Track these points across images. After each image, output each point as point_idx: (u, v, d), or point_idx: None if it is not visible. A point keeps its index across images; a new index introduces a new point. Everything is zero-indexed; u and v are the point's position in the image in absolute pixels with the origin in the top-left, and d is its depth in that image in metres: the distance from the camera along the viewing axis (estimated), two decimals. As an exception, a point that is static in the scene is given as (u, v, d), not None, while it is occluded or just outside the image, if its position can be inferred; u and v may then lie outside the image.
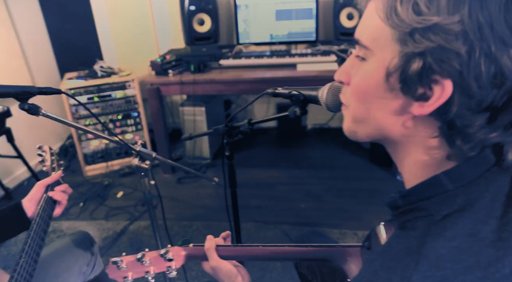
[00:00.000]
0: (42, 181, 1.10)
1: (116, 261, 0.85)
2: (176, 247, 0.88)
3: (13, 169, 2.82)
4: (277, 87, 0.87)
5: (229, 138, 1.03)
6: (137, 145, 1.14)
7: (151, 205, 1.31)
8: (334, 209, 2.31)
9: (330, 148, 3.08)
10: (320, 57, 2.59)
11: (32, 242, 0.92)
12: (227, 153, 1.07)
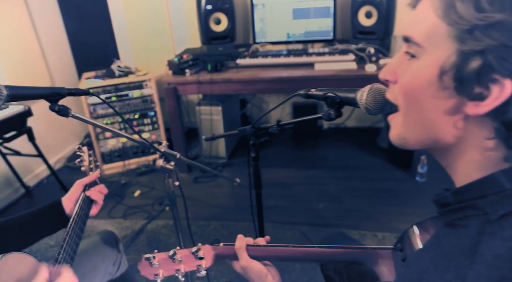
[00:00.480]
0: (81, 180, 1.12)
1: (149, 258, 0.85)
2: (206, 246, 0.88)
3: (33, 167, 2.86)
4: (310, 89, 0.85)
5: (255, 139, 1.02)
6: (162, 145, 1.13)
7: (176, 205, 1.30)
8: (352, 209, 2.28)
9: (347, 148, 3.05)
10: (338, 56, 2.56)
11: (70, 239, 0.93)
12: (253, 154, 1.06)
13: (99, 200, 1.13)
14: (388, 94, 0.58)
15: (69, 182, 2.73)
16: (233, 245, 0.87)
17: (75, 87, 0.96)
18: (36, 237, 1.02)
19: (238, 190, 2.62)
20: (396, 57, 0.55)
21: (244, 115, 3.38)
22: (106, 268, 1.16)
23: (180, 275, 0.87)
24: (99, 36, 3.31)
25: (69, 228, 0.97)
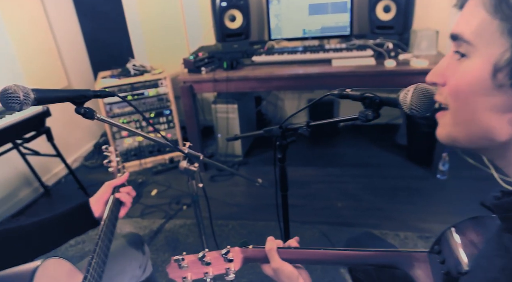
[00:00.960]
0: (110, 182, 1.11)
1: (178, 259, 0.83)
2: (236, 248, 0.86)
3: (51, 166, 2.89)
4: (344, 89, 0.82)
5: (282, 140, 0.99)
6: (186, 147, 1.11)
7: (199, 207, 1.29)
8: (372, 208, 2.24)
9: (364, 145, 3.00)
10: (355, 52, 2.51)
11: (102, 243, 0.92)
12: (280, 155, 1.03)
13: (128, 202, 1.12)
14: (437, 96, 0.56)
15: (87, 180, 2.76)
16: (263, 248, 0.85)
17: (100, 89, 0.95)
18: (65, 238, 1.02)
19: (255, 189, 2.60)
20: (444, 59, 0.53)
21: (259, 112, 3.36)
22: (133, 272, 1.15)
23: (209, 278, 0.85)
24: (113, 36, 3.31)
25: (101, 231, 0.96)
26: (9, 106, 0.70)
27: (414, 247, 1.86)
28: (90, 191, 2.67)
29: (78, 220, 1.04)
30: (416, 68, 2.26)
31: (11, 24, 2.45)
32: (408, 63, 2.31)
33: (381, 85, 3.11)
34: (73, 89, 0.77)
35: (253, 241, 2.19)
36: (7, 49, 2.43)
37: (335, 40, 2.90)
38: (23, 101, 0.70)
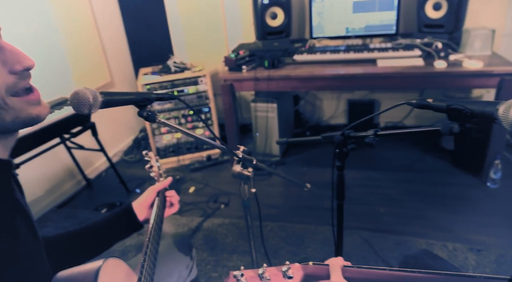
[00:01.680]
0: (154, 187, 1.12)
1: (236, 275, 0.80)
2: (296, 265, 0.82)
3: (93, 160, 2.97)
4: (425, 98, 0.76)
5: (342, 148, 0.95)
6: (240, 151, 1.09)
7: (250, 213, 1.26)
8: (417, 216, 2.15)
9: (406, 149, 2.89)
10: (402, 52, 2.41)
11: (151, 245, 0.93)
12: (339, 163, 0.99)
13: (176, 204, 1.15)
14: None
15: (126, 175, 2.81)
16: (324, 265, 0.81)
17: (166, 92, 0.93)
18: (111, 242, 1.03)
19: (293, 189, 2.56)
20: None
21: (297, 112, 3.31)
22: (180, 272, 1.15)
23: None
24: (154, 33, 3.35)
25: (150, 234, 0.96)
26: (79, 109, 0.70)
27: (465, 260, 1.77)
28: (129, 186, 2.72)
29: (123, 223, 1.05)
30: (469, 70, 2.13)
31: (61, 21, 2.53)
32: (460, 64, 2.19)
33: (430, 87, 2.98)
34: (136, 92, 0.76)
35: (292, 244, 2.15)
36: (57, 45, 2.50)
37: (378, 39, 2.80)
38: (93, 104, 0.70)
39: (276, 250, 2.00)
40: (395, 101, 3.17)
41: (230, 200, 2.50)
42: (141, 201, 1.10)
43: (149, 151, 1.27)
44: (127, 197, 2.64)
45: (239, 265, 1.94)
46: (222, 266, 1.94)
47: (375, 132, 0.88)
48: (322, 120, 3.38)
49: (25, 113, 0.61)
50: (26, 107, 0.61)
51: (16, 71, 0.59)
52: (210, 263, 1.96)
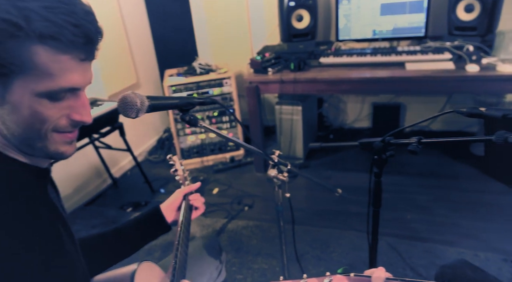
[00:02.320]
0: (181, 190, 1.14)
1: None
2: (338, 276, 0.81)
3: (118, 159, 3.02)
4: (477, 107, 0.74)
5: (381, 154, 0.93)
6: (275, 155, 1.09)
7: (283, 218, 1.26)
8: (447, 223, 2.09)
9: (434, 154, 2.83)
10: (431, 55, 2.36)
11: (181, 248, 0.93)
12: (376, 170, 0.97)
13: (201, 208, 1.16)
14: None
15: (150, 175, 2.84)
16: (365, 276, 0.80)
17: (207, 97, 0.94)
18: (140, 244, 1.05)
19: (317, 193, 2.54)
20: None
21: (320, 115, 3.28)
22: (210, 274, 1.16)
23: (307, 306, 0.82)
24: (179, 35, 3.39)
25: (179, 237, 0.97)
26: (126, 113, 0.71)
27: (498, 271, 1.71)
28: (154, 185, 2.75)
29: (152, 225, 1.07)
30: (504, 74, 2.07)
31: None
32: (494, 68, 2.13)
33: (461, 92, 2.90)
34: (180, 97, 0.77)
35: (317, 248, 2.13)
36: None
37: (406, 42, 2.75)
38: (140, 109, 0.71)
39: (301, 254, 1.98)
40: (421, 105, 3.11)
41: (254, 202, 2.50)
42: (168, 203, 1.11)
43: (173, 155, 1.28)
44: (152, 196, 2.67)
45: (264, 268, 1.94)
46: (247, 268, 1.94)
47: (418, 139, 0.86)
48: (346, 124, 3.34)
49: (54, 147, 0.64)
50: (58, 143, 0.64)
51: (72, 119, 0.63)
52: (235, 265, 1.96)
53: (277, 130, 2.88)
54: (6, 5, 0.52)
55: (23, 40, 0.54)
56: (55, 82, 0.58)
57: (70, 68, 0.58)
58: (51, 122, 0.61)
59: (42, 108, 0.59)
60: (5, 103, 0.58)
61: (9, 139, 0.62)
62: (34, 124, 0.60)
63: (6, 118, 0.59)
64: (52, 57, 0.56)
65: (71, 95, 0.62)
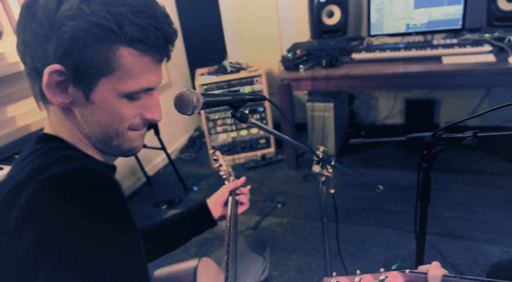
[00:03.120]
0: (227, 186, 1.15)
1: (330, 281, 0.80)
2: (393, 273, 0.80)
3: (151, 157, 3.09)
4: None
5: (431, 149, 0.91)
6: (320, 151, 1.09)
7: (326, 214, 1.25)
8: (488, 222, 2.03)
9: (472, 150, 2.73)
10: (470, 48, 2.29)
11: (232, 244, 0.95)
12: (425, 165, 0.95)
13: (247, 203, 1.18)
14: None
15: (182, 173, 2.89)
16: (421, 273, 0.78)
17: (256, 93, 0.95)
18: (187, 238, 1.07)
19: (351, 191, 2.51)
20: None
21: (351, 111, 3.24)
22: (256, 271, 1.17)
23: (359, 302, 0.81)
24: (209, 34, 3.43)
25: (229, 232, 0.99)
26: (183, 110, 0.73)
27: (547, 270, 1.64)
28: (187, 183, 2.80)
29: (199, 220, 1.08)
30: (550, 66, 1.98)
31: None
32: (539, 60, 2.04)
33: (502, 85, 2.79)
34: (231, 93, 0.79)
35: (352, 246, 2.11)
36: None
37: (440, 36, 2.67)
38: (196, 106, 0.72)
39: (337, 252, 1.97)
40: (457, 99, 3.02)
41: (287, 199, 2.50)
42: (215, 199, 1.12)
43: (216, 150, 1.29)
44: (185, 194, 2.72)
45: (300, 265, 1.94)
46: (282, 265, 1.95)
47: (474, 133, 0.84)
48: (377, 120, 3.28)
49: (128, 144, 0.67)
50: (132, 141, 0.68)
51: (145, 118, 0.67)
52: (271, 261, 1.96)
53: (308, 128, 2.86)
54: (102, 11, 0.55)
55: (113, 43, 0.57)
56: (136, 83, 0.61)
57: (149, 70, 0.62)
58: (128, 121, 0.64)
59: (121, 108, 0.62)
60: (90, 103, 0.61)
61: (88, 137, 0.65)
62: (114, 123, 0.63)
63: (89, 118, 0.62)
64: (136, 59, 0.59)
65: (145, 95, 0.65)
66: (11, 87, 1.82)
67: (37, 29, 0.57)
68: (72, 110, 0.63)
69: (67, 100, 0.61)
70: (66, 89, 0.60)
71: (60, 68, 0.57)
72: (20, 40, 0.61)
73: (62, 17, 0.55)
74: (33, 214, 0.51)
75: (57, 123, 0.65)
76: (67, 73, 0.58)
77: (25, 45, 0.60)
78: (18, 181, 0.56)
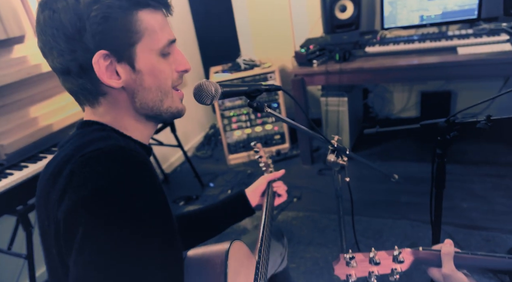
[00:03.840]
0: (266, 176, 1.19)
1: (347, 257, 0.83)
2: (407, 250, 0.83)
3: (168, 156, 3.15)
4: None
5: (445, 135, 0.93)
6: (335, 140, 1.11)
7: (342, 203, 1.27)
8: (506, 212, 2.01)
9: (490, 141, 2.70)
10: (486, 37, 2.26)
11: (266, 232, 0.97)
12: (440, 151, 0.96)
13: (284, 195, 1.21)
14: None
15: (199, 170, 2.93)
16: (434, 250, 0.80)
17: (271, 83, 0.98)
18: (225, 225, 1.10)
19: (367, 184, 2.51)
20: None
21: (366, 105, 3.23)
22: (275, 260, 1.20)
23: (373, 277, 0.83)
24: (222, 31, 3.46)
25: (264, 220, 1.02)
26: (202, 100, 0.76)
27: None
28: (203, 180, 2.85)
29: (237, 208, 1.12)
30: None
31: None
32: (557, 48, 2.00)
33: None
34: (248, 83, 0.83)
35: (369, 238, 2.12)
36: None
37: (455, 26, 2.64)
38: (214, 96, 0.76)
39: (354, 244, 1.98)
40: (473, 91, 2.98)
41: (302, 194, 2.52)
42: (253, 188, 1.16)
43: (257, 142, 1.32)
44: (202, 190, 2.77)
45: (316, 257, 1.96)
46: (299, 258, 1.97)
47: (487, 117, 0.85)
48: (392, 114, 3.27)
49: (176, 105, 0.75)
50: (178, 101, 0.75)
51: (179, 71, 0.73)
52: (288, 254, 2.00)
53: (323, 122, 2.87)
54: None
55: (132, 10, 0.64)
56: (163, 37, 0.68)
57: (164, 23, 0.69)
58: (170, 78, 0.71)
59: (162, 66, 0.69)
60: (137, 73, 0.67)
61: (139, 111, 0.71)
62: (161, 84, 0.70)
63: (140, 90, 0.68)
64: (153, 18, 0.67)
65: (171, 50, 0.71)
66: (33, 89, 1.89)
67: (69, 31, 0.61)
68: (123, 94, 0.68)
69: (120, 80, 0.67)
70: (114, 70, 0.66)
71: (104, 52, 0.63)
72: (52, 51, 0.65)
73: (86, 5, 0.60)
74: (72, 183, 0.57)
75: (102, 113, 0.70)
76: (111, 54, 0.64)
77: (62, 53, 0.64)
78: (62, 158, 0.62)
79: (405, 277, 1.72)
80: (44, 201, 0.63)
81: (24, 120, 1.83)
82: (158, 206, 0.60)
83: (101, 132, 0.67)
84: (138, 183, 0.57)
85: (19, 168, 1.63)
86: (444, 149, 0.96)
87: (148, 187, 0.59)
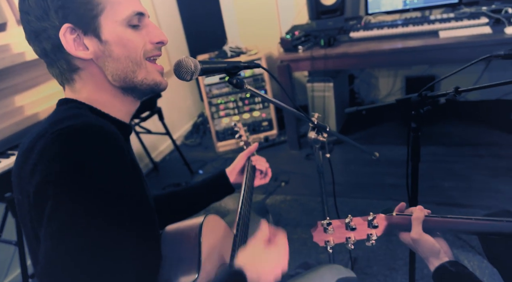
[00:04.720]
0: (242, 153, 1.22)
1: (324, 224, 0.87)
2: (380, 215, 0.87)
3: (157, 144, 3.16)
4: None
5: (417, 109, 0.97)
6: (315, 117, 1.14)
7: (323, 179, 1.31)
8: (486, 189, 2.08)
9: (471, 123, 2.77)
10: (466, 21, 2.31)
11: (244, 207, 1.01)
12: (414, 125, 1.00)
13: (263, 169, 1.22)
14: None
15: (188, 158, 2.95)
16: (407, 215, 0.85)
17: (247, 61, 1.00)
18: (206, 203, 1.13)
19: (353, 167, 2.57)
20: None
21: (352, 91, 3.28)
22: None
23: (350, 243, 0.88)
24: (208, 20, 3.46)
25: (242, 196, 1.05)
26: (182, 76, 0.78)
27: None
28: (193, 167, 2.87)
29: (218, 187, 1.15)
30: (545, 35, 2.00)
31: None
32: (535, 30, 2.06)
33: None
34: (227, 60, 0.86)
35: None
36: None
37: (438, 11, 2.68)
38: (194, 71, 0.78)
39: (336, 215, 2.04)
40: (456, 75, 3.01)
41: (290, 178, 2.57)
42: (232, 167, 1.19)
43: (237, 122, 1.35)
44: (191, 177, 2.80)
45: (303, 238, 2.01)
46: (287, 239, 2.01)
47: (455, 88, 0.89)
48: (378, 99, 3.32)
49: (152, 76, 0.75)
50: (154, 72, 0.76)
51: (153, 42, 0.74)
52: (276, 236, 2.05)
53: (309, 108, 2.91)
54: None
55: None
56: (126, 8, 0.69)
57: None
58: (141, 48, 0.72)
59: (130, 36, 0.70)
60: (105, 43, 0.68)
61: (113, 85, 0.72)
62: (130, 54, 0.71)
63: (110, 61, 0.70)
64: None
65: (142, 23, 0.72)
66: (18, 78, 1.88)
67: (37, 12, 0.66)
68: (95, 67, 0.70)
69: (89, 51, 0.68)
70: (82, 43, 0.68)
71: (68, 25, 0.66)
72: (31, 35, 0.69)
73: None
74: (43, 158, 0.59)
75: (79, 89, 0.72)
76: (76, 27, 0.66)
77: (37, 34, 0.68)
78: (37, 134, 0.64)
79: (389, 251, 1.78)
80: (18, 176, 0.65)
81: (10, 109, 1.82)
82: (125, 181, 0.63)
83: (74, 110, 0.69)
84: (105, 159, 0.60)
85: (6, 155, 1.63)
86: (418, 122, 1.00)
87: (115, 163, 0.61)
